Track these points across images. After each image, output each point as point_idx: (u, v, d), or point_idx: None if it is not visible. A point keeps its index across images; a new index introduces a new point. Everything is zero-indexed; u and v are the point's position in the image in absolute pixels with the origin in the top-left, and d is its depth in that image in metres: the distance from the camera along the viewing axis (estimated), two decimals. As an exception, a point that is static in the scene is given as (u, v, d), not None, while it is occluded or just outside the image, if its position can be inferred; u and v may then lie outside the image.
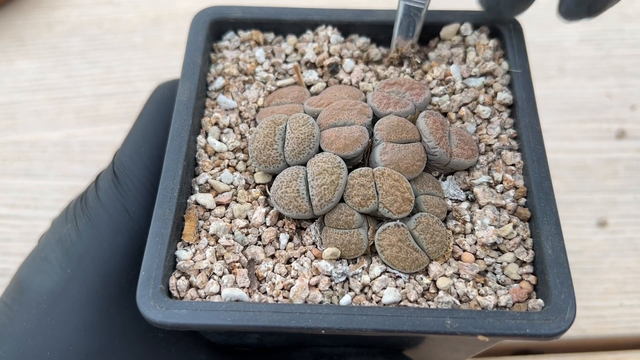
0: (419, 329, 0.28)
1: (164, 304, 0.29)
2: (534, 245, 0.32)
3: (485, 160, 0.35)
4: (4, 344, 0.33)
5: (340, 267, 0.31)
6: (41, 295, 0.33)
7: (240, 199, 0.34)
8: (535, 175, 0.33)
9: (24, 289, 0.34)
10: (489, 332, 0.28)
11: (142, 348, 0.33)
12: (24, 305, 0.33)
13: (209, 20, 0.39)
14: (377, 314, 0.29)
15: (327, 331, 0.28)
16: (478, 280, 0.31)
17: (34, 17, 0.62)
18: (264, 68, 0.39)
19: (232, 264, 0.32)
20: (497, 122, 0.36)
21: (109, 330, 0.33)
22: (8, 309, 0.34)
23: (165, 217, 0.32)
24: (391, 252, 0.31)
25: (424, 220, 0.32)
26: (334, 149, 0.33)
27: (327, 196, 0.31)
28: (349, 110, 0.34)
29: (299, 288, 0.30)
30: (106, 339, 0.33)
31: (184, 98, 0.35)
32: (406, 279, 0.31)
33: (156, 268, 0.30)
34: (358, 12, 0.39)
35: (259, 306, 0.29)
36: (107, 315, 0.33)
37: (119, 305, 0.34)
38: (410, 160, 0.32)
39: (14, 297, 0.34)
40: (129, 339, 0.33)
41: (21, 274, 0.35)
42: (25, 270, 0.35)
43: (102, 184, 0.36)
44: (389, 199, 0.31)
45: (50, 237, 0.36)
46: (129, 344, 0.33)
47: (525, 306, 0.30)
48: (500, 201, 0.33)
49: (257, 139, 0.33)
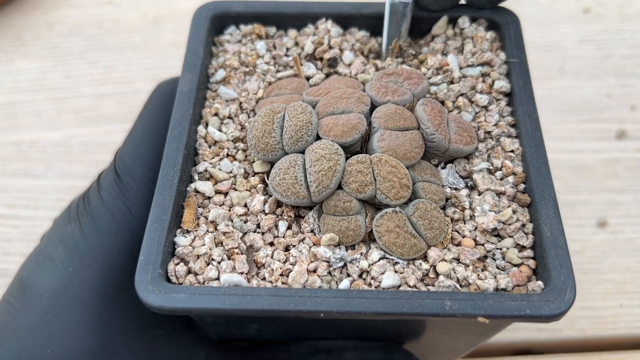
0: (418, 311, 0.28)
1: (162, 288, 0.29)
2: (534, 229, 0.32)
3: (484, 147, 0.35)
4: (6, 341, 0.33)
5: (339, 252, 0.31)
6: (43, 293, 0.33)
7: (239, 187, 0.34)
8: (533, 161, 0.33)
9: (26, 287, 0.34)
10: (489, 314, 0.28)
11: (142, 346, 0.33)
12: (26, 303, 0.34)
13: (210, 14, 0.39)
14: (376, 297, 0.29)
15: (326, 314, 0.28)
16: (478, 265, 0.31)
17: (34, 17, 0.62)
18: (265, 60, 0.39)
19: (231, 250, 0.32)
20: (495, 110, 0.36)
21: (109, 328, 0.33)
22: (10, 306, 0.34)
23: (164, 204, 0.32)
24: (389, 238, 0.31)
25: (421, 207, 0.32)
26: (331, 136, 0.33)
27: (325, 182, 0.31)
28: (346, 99, 0.34)
29: (298, 273, 0.30)
30: (106, 337, 0.33)
31: (185, 88, 0.36)
32: (405, 265, 0.31)
33: (155, 253, 0.30)
34: (357, 4, 0.40)
35: (257, 290, 0.29)
36: (107, 314, 0.33)
37: (120, 304, 0.34)
38: (408, 147, 0.33)
39: (17, 296, 0.34)
40: (129, 337, 0.33)
41: (23, 272, 0.35)
42: (27, 269, 0.35)
43: (104, 183, 0.37)
44: (387, 185, 0.31)
45: (52, 236, 0.36)
46: (129, 341, 0.33)
47: (525, 289, 0.30)
48: (499, 187, 0.33)
49: (256, 127, 0.33)
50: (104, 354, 0.33)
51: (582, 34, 0.61)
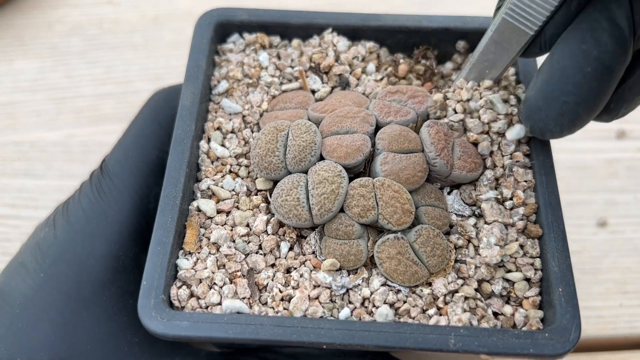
0: (422, 346, 0.28)
1: (165, 314, 0.29)
2: (542, 264, 0.32)
3: (492, 175, 0.34)
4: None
5: (340, 279, 0.31)
6: (15, 300, 0.33)
7: (242, 206, 0.33)
8: (543, 191, 0.33)
9: (0, 294, 0.34)
10: (492, 351, 0.28)
11: (114, 352, 0.33)
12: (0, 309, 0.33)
13: (214, 22, 0.38)
14: (379, 330, 0.29)
15: (329, 346, 0.28)
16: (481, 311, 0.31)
17: (34, 17, 0.62)
18: (269, 73, 0.38)
19: (234, 273, 0.31)
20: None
21: (80, 334, 0.33)
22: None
23: (167, 226, 0.31)
24: (390, 265, 0.31)
25: (424, 233, 0.31)
26: (335, 157, 0.32)
27: (327, 205, 0.31)
28: (352, 118, 0.34)
29: (299, 300, 0.30)
30: (76, 343, 0.32)
31: (187, 102, 0.35)
32: (407, 293, 0.31)
33: (158, 278, 0.30)
34: (364, 16, 0.39)
35: (260, 319, 0.29)
36: (78, 319, 0.33)
37: (91, 309, 0.33)
38: (411, 171, 0.32)
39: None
40: (100, 342, 0.33)
41: (0, 279, 0.35)
42: (3, 275, 0.35)
43: (85, 187, 0.36)
44: (389, 210, 0.31)
45: (29, 242, 0.36)
46: (100, 348, 0.33)
47: (529, 325, 0.30)
48: (508, 219, 0.32)
49: (259, 145, 0.33)
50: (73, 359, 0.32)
51: (582, 34, 0.61)
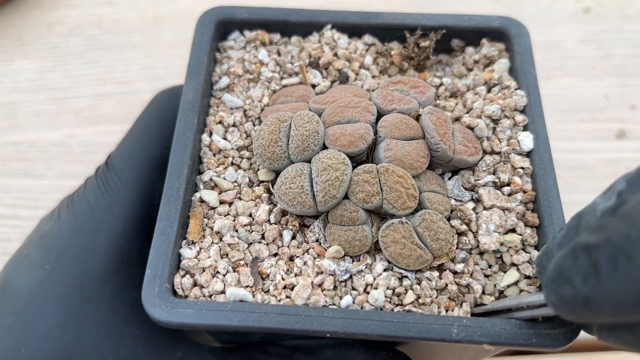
0: (425, 336, 0.28)
1: (169, 303, 0.29)
2: None
3: (491, 160, 0.34)
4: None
5: (343, 264, 0.31)
6: (20, 292, 0.33)
7: (244, 196, 0.34)
8: (541, 181, 0.33)
9: (6, 287, 0.34)
10: (495, 342, 0.28)
11: (117, 345, 0.33)
12: (4, 302, 0.33)
13: (215, 20, 0.39)
14: (383, 319, 0.29)
15: (332, 334, 0.28)
16: None
17: (34, 17, 0.62)
18: (270, 68, 0.38)
19: (237, 262, 0.31)
20: (507, 125, 0.35)
21: (84, 327, 0.33)
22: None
23: (170, 216, 0.32)
24: (395, 249, 0.31)
25: (427, 217, 0.32)
26: (338, 145, 0.33)
27: (332, 192, 0.31)
28: (353, 108, 0.34)
29: (301, 287, 0.30)
30: (80, 335, 0.33)
31: (189, 97, 0.35)
32: (412, 278, 0.31)
33: (162, 267, 0.30)
34: (364, 14, 0.39)
35: (264, 307, 0.29)
36: (82, 312, 0.33)
37: (95, 303, 0.33)
38: (414, 156, 0.32)
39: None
40: (104, 336, 0.33)
41: (5, 271, 0.35)
42: (8, 268, 0.35)
43: (91, 182, 0.37)
44: (393, 195, 0.31)
45: (33, 234, 0.36)
46: (104, 341, 0.33)
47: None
48: (506, 204, 0.33)
49: (262, 135, 0.33)
50: (76, 353, 0.32)
51: (582, 34, 0.61)
